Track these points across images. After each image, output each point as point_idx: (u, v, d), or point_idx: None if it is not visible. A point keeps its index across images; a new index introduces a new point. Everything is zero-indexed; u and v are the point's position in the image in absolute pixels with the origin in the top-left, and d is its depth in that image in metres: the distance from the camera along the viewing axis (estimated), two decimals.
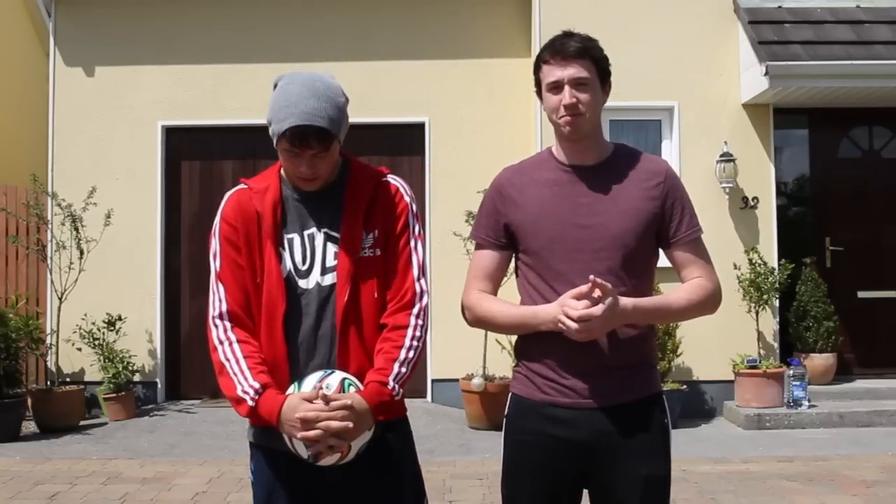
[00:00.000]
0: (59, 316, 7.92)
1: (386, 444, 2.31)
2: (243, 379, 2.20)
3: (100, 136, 8.58)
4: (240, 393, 2.19)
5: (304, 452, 2.15)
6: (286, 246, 2.29)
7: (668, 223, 2.36)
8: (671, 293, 2.38)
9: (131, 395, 8.04)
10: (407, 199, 2.36)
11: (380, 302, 2.30)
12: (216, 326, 2.27)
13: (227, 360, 2.23)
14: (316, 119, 2.18)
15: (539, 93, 2.40)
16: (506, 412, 2.45)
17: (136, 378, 8.27)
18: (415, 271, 2.30)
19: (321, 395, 2.11)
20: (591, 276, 2.17)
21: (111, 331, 8.08)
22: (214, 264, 2.32)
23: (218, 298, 2.29)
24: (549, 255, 2.32)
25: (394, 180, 2.37)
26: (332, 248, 2.29)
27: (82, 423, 7.79)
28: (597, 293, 2.17)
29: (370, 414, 2.17)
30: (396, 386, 2.22)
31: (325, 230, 2.31)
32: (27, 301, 8.45)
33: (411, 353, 2.25)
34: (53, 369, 8.09)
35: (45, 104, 8.77)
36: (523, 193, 2.39)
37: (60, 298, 7.94)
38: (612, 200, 2.33)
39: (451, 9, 8.65)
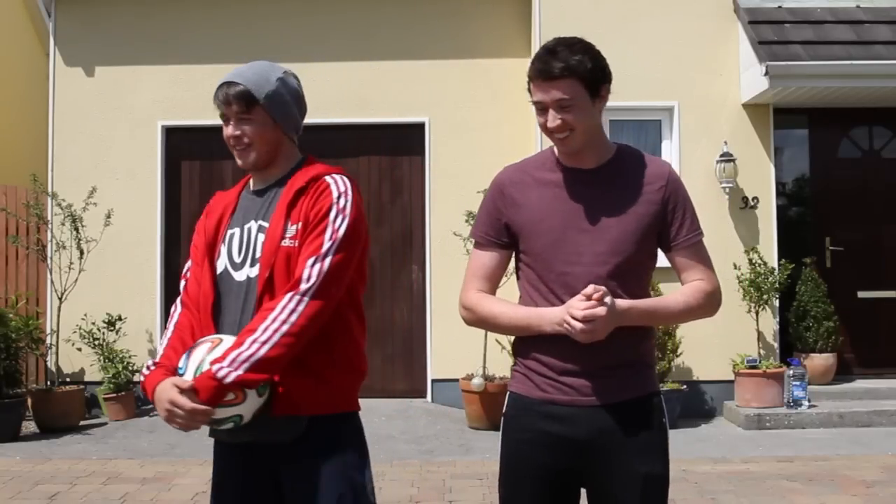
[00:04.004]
0: (59, 316, 7.92)
1: (312, 444, 2.29)
2: (154, 357, 2.36)
3: (100, 136, 8.58)
4: (143, 368, 2.34)
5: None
6: (226, 240, 2.39)
7: (668, 227, 2.35)
8: (669, 296, 2.38)
9: (131, 395, 8.04)
10: (335, 195, 2.29)
11: None
12: (171, 311, 2.49)
13: (162, 340, 2.44)
14: (236, 77, 2.34)
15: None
16: (504, 411, 2.44)
17: (136, 378, 8.27)
18: (310, 260, 2.23)
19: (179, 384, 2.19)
20: (589, 288, 2.18)
21: (111, 331, 8.08)
22: (186, 266, 2.54)
23: (181, 290, 2.49)
24: (550, 258, 2.32)
25: (330, 178, 2.33)
26: (261, 240, 2.33)
27: (82, 423, 7.79)
28: (596, 295, 2.18)
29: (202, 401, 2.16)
30: (226, 369, 2.12)
31: (259, 222, 2.36)
32: (27, 301, 8.45)
33: (267, 335, 2.15)
34: (53, 369, 8.10)
35: (45, 104, 8.77)
36: (524, 194, 2.38)
37: (60, 298, 7.94)
38: (613, 204, 2.32)
39: (451, 9, 8.65)
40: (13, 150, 9.83)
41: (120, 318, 8.13)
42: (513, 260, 2.48)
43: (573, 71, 2.23)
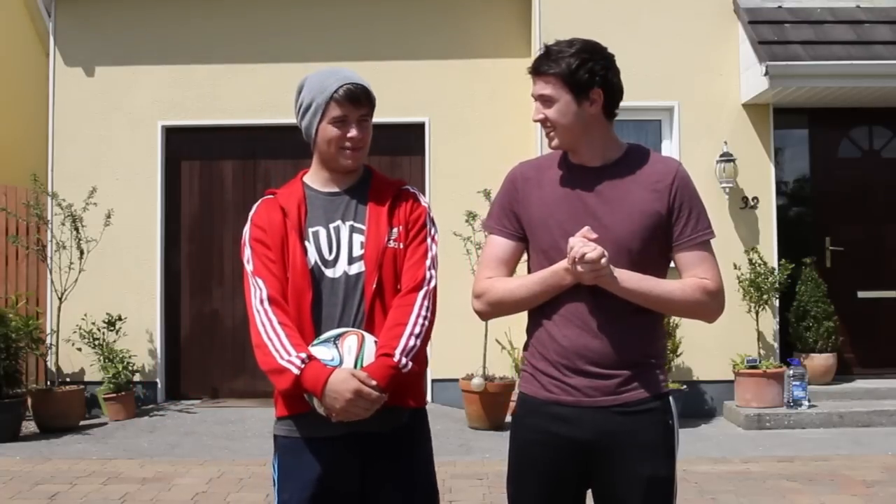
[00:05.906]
0: (59, 316, 7.92)
1: (407, 435, 2.40)
2: (286, 353, 2.28)
3: (100, 136, 8.58)
4: (283, 363, 2.26)
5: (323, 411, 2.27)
6: (311, 238, 2.41)
7: (673, 225, 2.34)
8: (666, 280, 2.34)
9: (131, 395, 8.04)
10: (424, 204, 2.54)
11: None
12: (258, 312, 2.36)
13: (270, 339, 2.31)
14: (361, 80, 2.44)
15: None
16: (513, 410, 2.47)
17: (136, 378, 8.27)
18: (427, 262, 2.44)
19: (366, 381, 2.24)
20: (584, 229, 2.25)
21: (111, 331, 8.08)
22: (249, 267, 2.43)
23: (258, 288, 2.38)
24: (556, 255, 2.32)
25: (412, 188, 2.57)
26: (358, 239, 2.41)
27: (82, 423, 7.78)
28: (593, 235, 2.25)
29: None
30: (403, 358, 2.28)
31: (350, 223, 2.43)
32: (27, 301, 8.45)
33: (417, 329, 2.33)
34: (53, 369, 8.09)
35: (45, 104, 8.77)
36: (535, 190, 2.41)
37: (60, 298, 7.94)
38: (620, 202, 2.32)
39: (450, 9, 8.65)
40: (13, 150, 9.81)
41: (120, 318, 8.13)
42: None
43: (555, 71, 2.30)
